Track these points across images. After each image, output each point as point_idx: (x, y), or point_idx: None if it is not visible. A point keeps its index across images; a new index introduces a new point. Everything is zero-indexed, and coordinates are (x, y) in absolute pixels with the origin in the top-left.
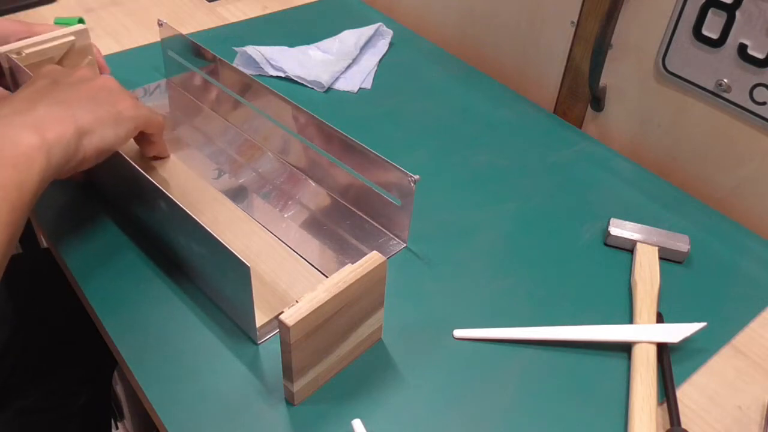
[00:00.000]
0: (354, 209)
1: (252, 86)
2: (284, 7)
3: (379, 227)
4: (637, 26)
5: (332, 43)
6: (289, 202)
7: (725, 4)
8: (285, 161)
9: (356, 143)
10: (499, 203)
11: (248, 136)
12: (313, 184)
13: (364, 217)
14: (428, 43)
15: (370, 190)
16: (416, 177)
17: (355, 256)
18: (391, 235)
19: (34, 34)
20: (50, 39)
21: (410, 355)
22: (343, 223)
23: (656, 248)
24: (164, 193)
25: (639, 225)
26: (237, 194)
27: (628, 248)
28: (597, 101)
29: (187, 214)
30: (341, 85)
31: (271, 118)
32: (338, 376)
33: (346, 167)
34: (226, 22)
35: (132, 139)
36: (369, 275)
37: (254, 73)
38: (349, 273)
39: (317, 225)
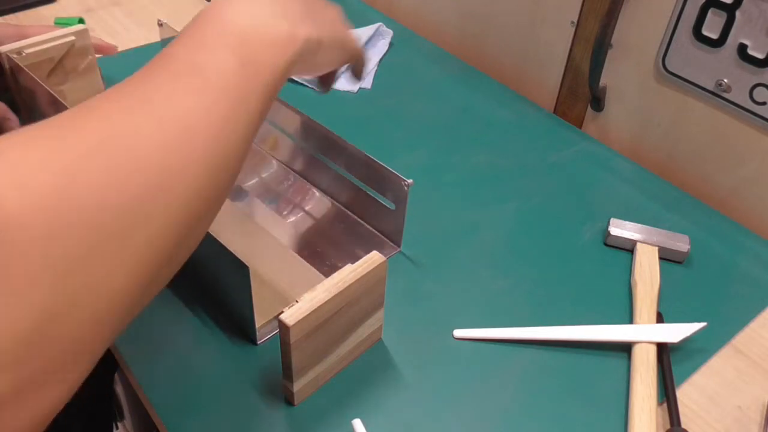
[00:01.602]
0: (348, 212)
1: None
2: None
3: (374, 231)
4: (637, 26)
5: None
6: (285, 203)
7: (725, 4)
8: (280, 162)
9: (351, 146)
10: (499, 203)
11: None
12: (308, 186)
13: (359, 220)
14: (428, 43)
15: (365, 193)
16: (410, 181)
17: (349, 259)
18: (386, 239)
19: (26, 37)
20: (50, 39)
21: (410, 355)
22: (337, 226)
23: (656, 248)
24: None
25: (639, 225)
26: (236, 195)
27: (628, 248)
28: (597, 101)
29: None
30: (341, 85)
31: (267, 120)
32: (338, 376)
33: (340, 170)
34: None
35: None
36: (369, 275)
37: None
38: (349, 273)
39: (313, 227)
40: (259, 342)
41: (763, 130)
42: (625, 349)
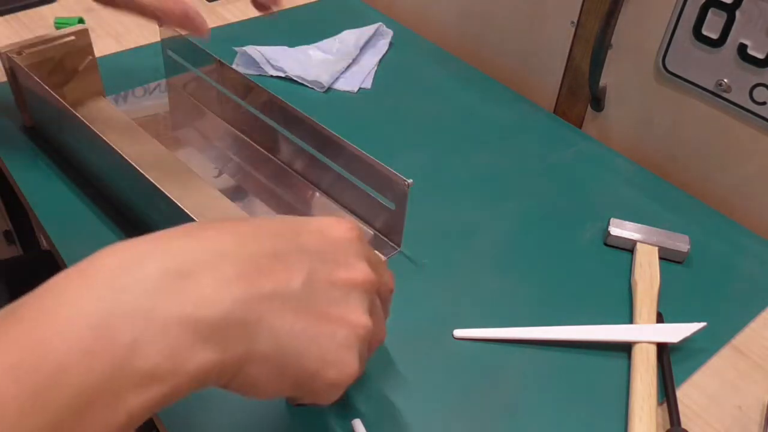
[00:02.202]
0: (349, 212)
1: (251, 87)
2: (284, 7)
3: (374, 231)
4: (637, 26)
5: (332, 43)
6: (285, 204)
7: (725, 4)
8: (281, 162)
9: (350, 146)
10: (499, 203)
11: (246, 137)
12: (309, 186)
13: (359, 220)
14: (428, 43)
15: (365, 193)
16: (410, 181)
17: None
18: (386, 239)
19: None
20: (50, 39)
21: (410, 355)
22: None
23: (656, 248)
24: (165, 194)
25: (639, 225)
26: (236, 195)
27: (628, 248)
28: (597, 101)
29: (187, 215)
30: (341, 85)
31: (268, 120)
32: None
33: (340, 170)
34: (226, 22)
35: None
36: None
37: (254, 73)
38: None
39: None
40: None
41: (763, 130)
42: (625, 349)
